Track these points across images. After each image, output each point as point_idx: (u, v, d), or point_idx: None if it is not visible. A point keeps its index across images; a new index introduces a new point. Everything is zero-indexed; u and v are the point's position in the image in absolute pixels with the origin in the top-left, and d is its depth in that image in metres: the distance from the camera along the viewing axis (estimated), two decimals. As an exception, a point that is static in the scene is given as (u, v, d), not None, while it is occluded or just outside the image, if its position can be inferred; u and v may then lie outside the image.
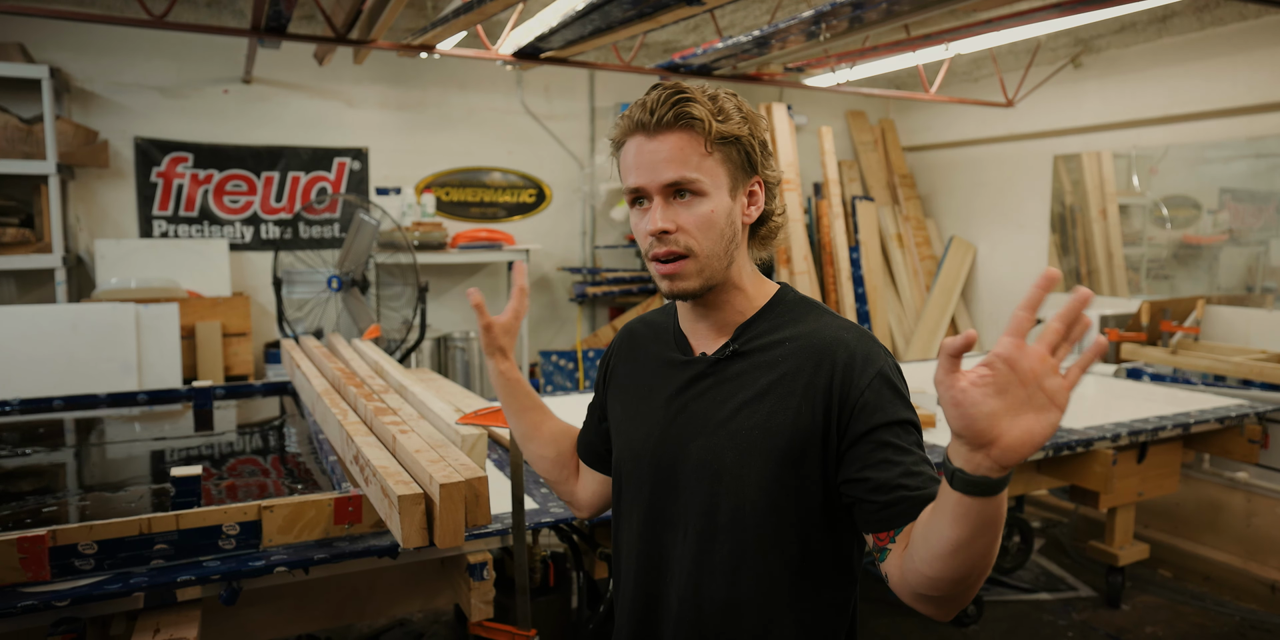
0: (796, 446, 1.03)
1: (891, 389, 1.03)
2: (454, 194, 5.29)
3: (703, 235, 1.05)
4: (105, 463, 2.42)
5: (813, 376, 1.04)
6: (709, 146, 1.03)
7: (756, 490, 1.05)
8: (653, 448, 1.13)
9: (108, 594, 1.52)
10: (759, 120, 1.09)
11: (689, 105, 1.02)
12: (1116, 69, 4.99)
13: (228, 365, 4.31)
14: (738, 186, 1.07)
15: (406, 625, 3.05)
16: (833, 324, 1.10)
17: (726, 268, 1.08)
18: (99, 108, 4.41)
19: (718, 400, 1.09)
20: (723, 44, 3.43)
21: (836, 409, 1.03)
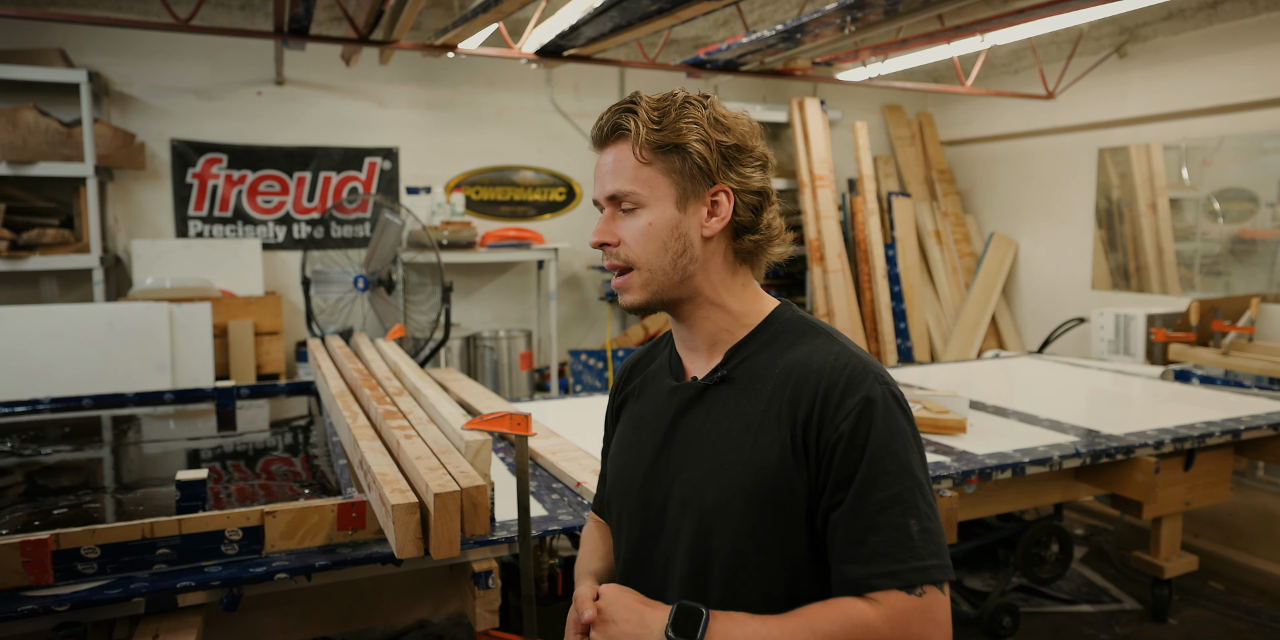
0: (782, 485, 0.95)
1: (877, 419, 0.93)
2: (484, 193, 5.29)
3: (641, 248, 1.01)
4: (128, 462, 2.44)
5: (794, 407, 0.96)
6: (641, 156, 1.00)
7: (739, 531, 0.97)
8: (640, 481, 1.07)
9: (109, 599, 1.52)
10: (735, 126, 1.01)
11: (625, 116, 1.00)
12: (1164, 58, 4.79)
13: (259, 364, 4.36)
14: (687, 197, 1.00)
15: (427, 627, 3.04)
16: (824, 349, 1.00)
17: (680, 283, 1.02)
18: (136, 110, 4.48)
19: (703, 430, 1.02)
20: (747, 39, 3.35)
21: (815, 443, 0.95)
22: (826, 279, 5.28)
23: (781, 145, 5.89)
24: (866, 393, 0.94)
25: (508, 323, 5.39)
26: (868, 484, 0.91)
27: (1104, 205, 5.31)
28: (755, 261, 1.06)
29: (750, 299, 1.07)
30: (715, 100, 1.04)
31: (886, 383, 0.97)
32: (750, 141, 1.02)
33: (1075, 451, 2.52)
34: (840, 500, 0.93)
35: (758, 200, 1.02)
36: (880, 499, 0.91)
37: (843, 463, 0.93)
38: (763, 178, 1.03)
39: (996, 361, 4.31)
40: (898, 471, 0.92)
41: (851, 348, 1.02)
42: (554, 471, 2.21)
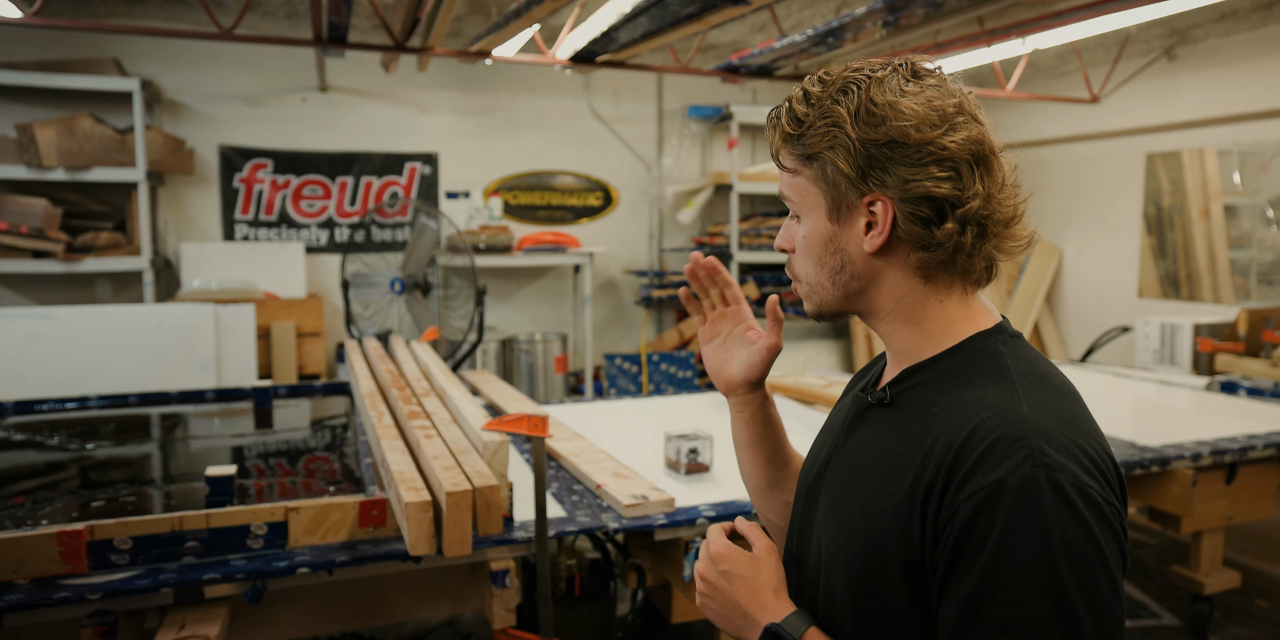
0: (887, 544, 0.79)
1: (1007, 513, 0.70)
2: (521, 197, 5.35)
3: (802, 261, 0.90)
4: (165, 457, 2.53)
5: (924, 464, 0.78)
6: (786, 166, 0.88)
7: (847, 575, 0.84)
8: (804, 490, 0.98)
9: (139, 589, 1.57)
10: (892, 116, 0.80)
11: (773, 118, 0.89)
12: (1216, 60, 4.65)
13: (301, 364, 4.46)
14: (839, 207, 0.85)
15: (455, 625, 3.08)
16: (989, 400, 0.79)
17: (845, 298, 0.89)
18: (186, 117, 4.64)
19: (851, 453, 0.90)
20: (779, 44, 3.34)
21: (935, 516, 0.76)
22: (863, 285, 5.23)
23: (819, 150, 5.85)
24: (1005, 474, 0.71)
25: (544, 326, 5.44)
26: (980, 595, 0.71)
27: (1153, 212, 5.17)
28: (955, 273, 0.85)
29: (950, 317, 0.87)
30: (884, 76, 0.82)
31: (1048, 466, 0.71)
32: (916, 134, 0.79)
33: (1109, 463, 2.46)
34: (952, 599, 0.74)
35: (928, 211, 0.81)
36: (996, 619, 0.70)
37: (957, 556, 0.73)
38: (942, 179, 0.80)
39: (1036, 370, 4.22)
40: (1027, 590, 0.69)
41: (1026, 404, 0.77)
42: (575, 473, 2.22)
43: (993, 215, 0.82)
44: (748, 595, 0.89)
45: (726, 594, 0.91)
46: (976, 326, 0.87)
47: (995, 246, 0.84)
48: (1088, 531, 0.70)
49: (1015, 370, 0.82)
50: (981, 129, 0.83)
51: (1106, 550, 0.71)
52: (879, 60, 0.86)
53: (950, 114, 0.81)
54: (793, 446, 1.13)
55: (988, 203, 0.81)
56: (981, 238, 0.82)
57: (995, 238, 0.83)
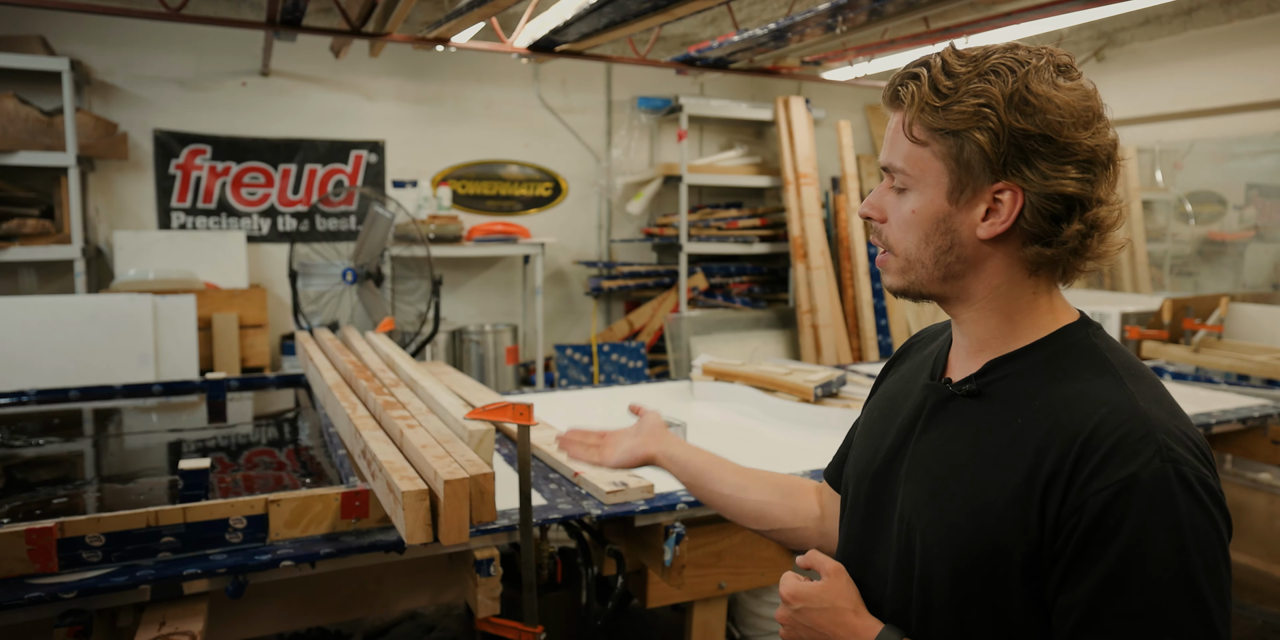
0: (999, 537, 0.81)
1: (1141, 506, 0.73)
2: (470, 187, 5.29)
3: (901, 234, 0.88)
4: (121, 453, 2.44)
5: (1041, 456, 0.79)
6: (913, 135, 0.85)
7: (947, 569, 0.85)
8: (872, 476, 0.98)
9: (114, 586, 1.53)
10: (1046, 107, 0.79)
11: (908, 82, 0.85)
12: (1140, 63, 4.90)
13: (244, 357, 4.34)
14: (963, 189, 0.84)
15: (418, 618, 3.06)
16: (1104, 393, 0.80)
17: (943, 280, 0.88)
18: (119, 100, 4.44)
19: (937, 444, 0.90)
20: (738, 37, 3.39)
21: (1056, 510, 0.77)
22: (810, 276, 5.35)
23: (766, 142, 5.95)
24: (1137, 469, 0.74)
25: (493, 317, 5.41)
26: (1115, 582, 0.74)
27: (1080, 206, 5.42)
28: (1059, 272, 0.87)
29: (1039, 310, 0.88)
30: (1038, 65, 0.81)
31: (1175, 459, 0.75)
32: (1067, 132, 0.79)
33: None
34: (1077, 587, 0.76)
35: (1060, 208, 0.81)
36: (1129, 606, 0.73)
37: (1084, 546, 0.75)
38: (1079, 179, 0.80)
39: (976, 358, 4.39)
40: (1161, 579, 0.73)
41: (1139, 399, 0.80)
42: (550, 462, 2.23)
43: (1107, 219, 0.83)
44: (831, 625, 0.91)
45: (810, 630, 0.92)
46: (1062, 320, 0.89)
47: (1102, 251, 0.85)
48: (1211, 520, 0.74)
49: (1117, 363, 0.84)
50: (1115, 135, 0.84)
51: (1224, 536, 0.76)
52: (1020, 45, 0.85)
53: (1094, 117, 0.82)
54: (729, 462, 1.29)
55: (1107, 208, 0.83)
56: (1098, 241, 0.84)
57: (1105, 241, 0.85)
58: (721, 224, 5.47)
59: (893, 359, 1.12)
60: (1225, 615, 0.74)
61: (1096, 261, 0.86)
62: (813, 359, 5.35)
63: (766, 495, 1.22)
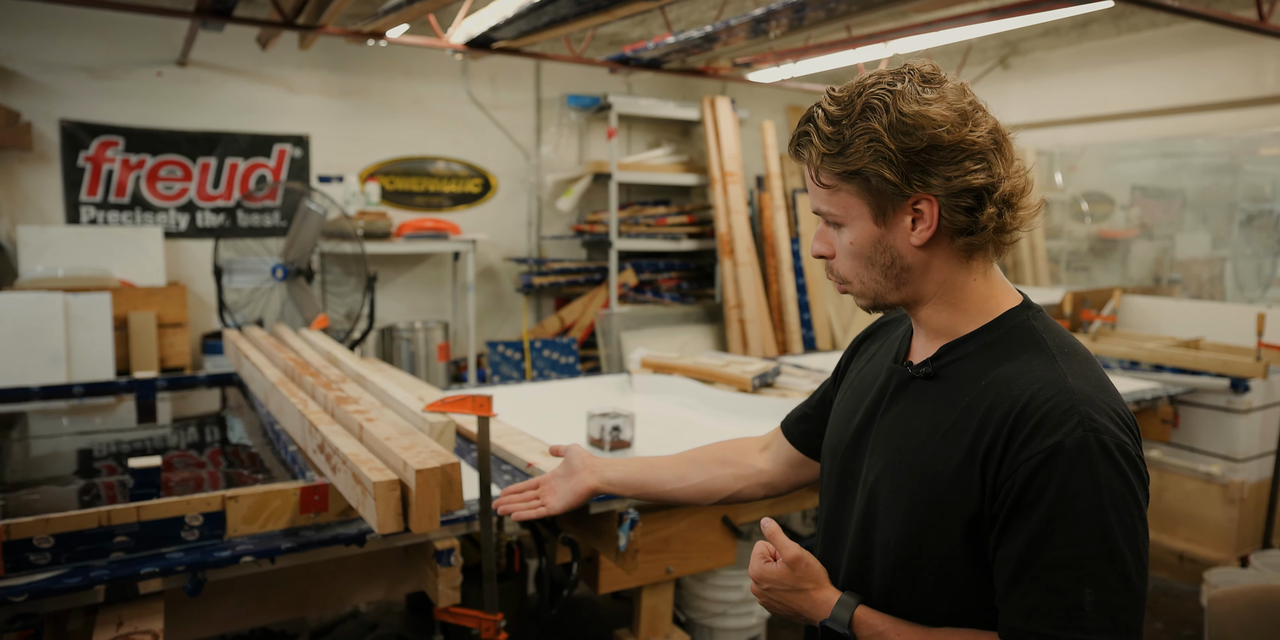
0: (947, 501, 0.91)
1: (1065, 470, 0.82)
2: (398, 183, 5.23)
3: (849, 265, 0.98)
4: (49, 457, 2.35)
5: (982, 429, 0.89)
6: (823, 183, 0.95)
7: (902, 531, 0.95)
8: (843, 450, 1.08)
9: (67, 588, 1.50)
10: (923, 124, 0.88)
11: (802, 139, 0.95)
12: (1041, 71, 5.23)
13: (163, 356, 4.19)
14: (885, 212, 0.93)
15: (359, 617, 3.04)
16: (1036, 372, 0.90)
17: (898, 288, 0.97)
18: (20, 87, 4.21)
19: (897, 422, 1.00)
20: (674, 39, 3.48)
21: (994, 476, 0.87)
22: (737, 271, 5.49)
23: (692, 141, 6.07)
24: (1061, 438, 0.83)
25: (423, 314, 5.36)
26: (1042, 537, 0.84)
27: (987, 205, 5.74)
28: (991, 251, 0.96)
29: (981, 294, 0.97)
30: (904, 89, 0.89)
31: (1095, 428, 0.84)
32: (950, 136, 0.88)
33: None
34: (1011, 543, 0.86)
35: (970, 200, 0.90)
36: (1053, 558, 0.83)
37: (1016, 507, 0.85)
38: (978, 170, 0.89)
39: (895, 349, 4.61)
40: (1081, 534, 0.82)
41: (1068, 376, 0.89)
42: (501, 454, 2.27)
43: (1014, 191, 0.93)
44: (796, 600, 1.03)
45: (779, 605, 1.05)
46: (1006, 303, 0.98)
47: (1021, 218, 0.94)
48: (1126, 482, 0.84)
49: (1051, 344, 0.94)
50: (993, 118, 0.93)
51: (1140, 496, 0.85)
52: (885, 72, 0.94)
53: (969, 111, 0.91)
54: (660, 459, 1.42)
55: (1011, 181, 0.92)
56: (1013, 214, 0.93)
57: (1020, 209, 0.94)
58: (650, 221, 5.56)
59: (861, 338, 1.22)
60: (1141, 568, 0.84)
61: (1018, 231, 0.95)
62: (740, 352, 5.50)
63: (705, 474, 1.35)
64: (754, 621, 2.60)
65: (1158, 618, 3.17)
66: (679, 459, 1.39)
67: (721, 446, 1.40)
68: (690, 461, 1.38)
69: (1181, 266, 4.86)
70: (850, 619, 0.97)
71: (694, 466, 1.36)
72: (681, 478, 1.35)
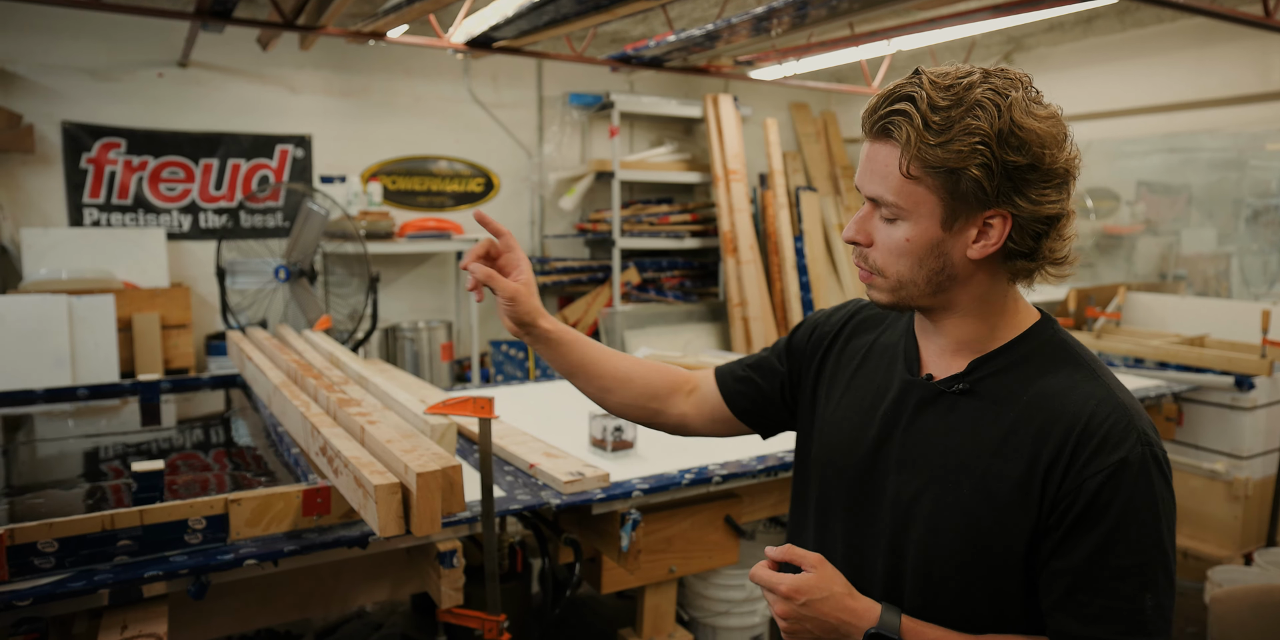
0: (1006, 518, 0.91)
1: (1130, 484, 0.86)
2: (400, 183, 5.23)
3: (894, 260, 0.93)
4: (55, 460, 2.35)
5: (1039, 446, 0.90)
6: (909, 171, 0.88)
7: (949, 550, 0.94)
8: (856, 464, 1.03)
9: (71, 592, 1.50)
10: (1032, 140, 0.85)
11: (896, 117, 0.87)
12: (1045, 66, 5.20)
13: (168, 358, 4.20)
14: (957, 217, 0.89)
15: (364, 617, 3.04)
16: (1085, 388, 0.91)
17: (933, 294, 0.95)
18: (22, 90, 4.22)
19: (932, 438, 0.97)
20: (675, 37, 3.47)
21: (1055, 490, 0.89)
22: (740, 270, 5.49)
23: (695, 139, 6.06)
24: (1126, 454, 0.87)
25: (426, 314, 5.36)
26: (1107, 548, 0.87)
27: (991, 202, 5.71)
28: (1033, 278, 0.96)
29: (1010, 311, 0.97)
30: (1017, 98, 0.86)
31: (1150, 443, 0.88)
32: (1049, 158, 0.87)
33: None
34: (1071, 553, 0.88)
35: (1043, 227, 0.89)
36: (1118, 567, 0.86)
37: (1081, 520, 0.88)
38: (1056, 199, 0.88)
39: (899, 347, 4.60)
40: (1144, 543, 0.87)
41: (1116, 391, 0.92)
42: (504, 455, 2.28)
43: (1068, 226, 0.92)
44: (835, 612, 0.95)
45: (817, 620, 0.96)
46: (1029, 318, 0.99)
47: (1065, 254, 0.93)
48: (1171, 491, 0.90)
49: (1086, 358, 0.96)
50: (1077, 148, 0.91)
51: (1174, 501, 0.92)
52: (985, 70, 0.89)
53: (1065, 133, 0.89)
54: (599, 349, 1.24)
55: (1070, 215, 0.91)
56: (1063, 244, 0.92)
57: (1067, 239, 0.93)
58: (653, 219, 5.55)
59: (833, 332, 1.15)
60: (1174, 561, 0.91)
61: (1064, 266, 0.94)
62: (743, 350, 5.50)
63: (629, 398, 1.24)
64: (757, 620, 2.60)
65: (1163, 616, 3.17)
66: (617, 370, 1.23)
67: (656, 377, 1.25)
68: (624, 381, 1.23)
69: (1187, 262, 4.84)
70: (899, 626, 0.94)
71: (624, 388, 1.23)
72: (607, 391, 1.24)
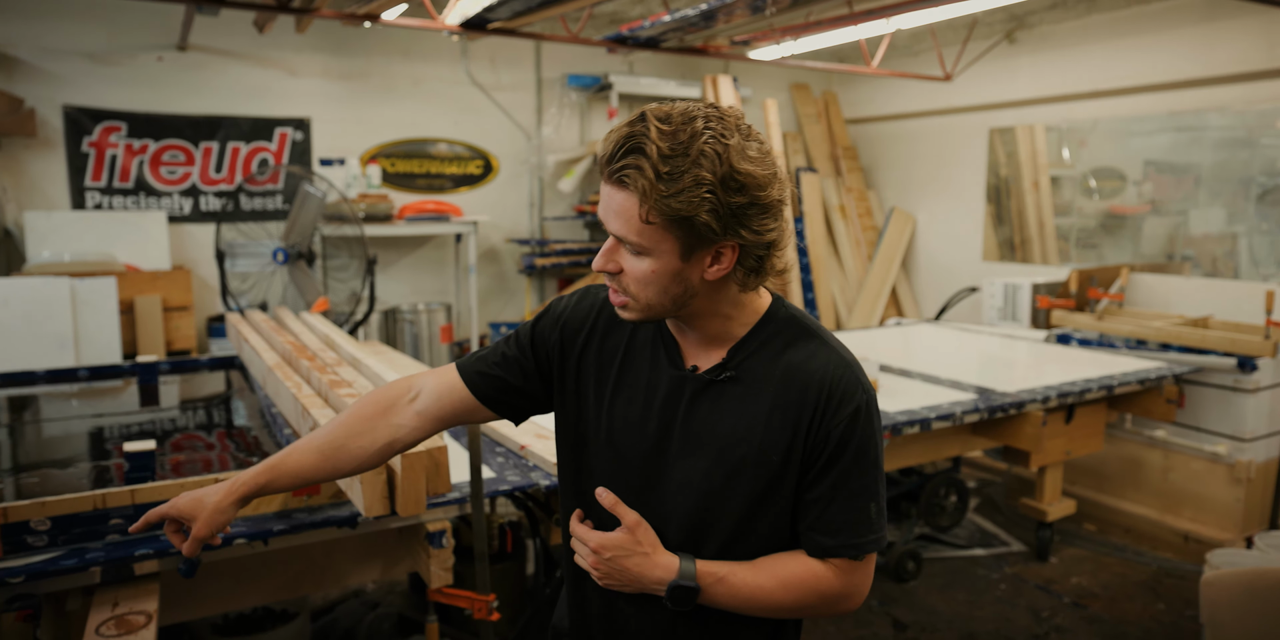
0: (781, 477, 1.09)
1: (862, 425, 1.08)
2: (400, 165, 5.22)
3: (642, 288, 1.04)
4: (53, 440, 2.38)
5: (798, 410, 1.08)
6: (647, 218, 0.97)
7: (739, 515, 1.10)
8: (640, 461, 1.14)
9: (63, 569, 1.53)
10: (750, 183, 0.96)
11: (630, 170, 0.95)
12: (1048, 45, 5.14)
13: (169, 340, 4.23)
14: (693, 251, 1.01)
15: (362, 595, 3.08)
16: (821, 356, 1.10)
17: (680, 309, 1.07)
18: (23, 74, 4.22)
19: (709, 422, 1.10)
20: (670, 17, 3.44)
21: (811, 442, 1.08)
22: (740, 252, 5.47)
23: (696, 121, 6.02)
24: (857, 404, 1.08)
25: (426, 296, 5.37)
26: (846, 475, 1.08)
27: (993, 182, 5.68)
28: (756, 287, 1.10)
29: (747, 302, 1.11)
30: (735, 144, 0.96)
31: (867, 390, 1.10)
32: (766, 195, 0.99)
33: (975, 407, 2.77)
34: (819, 485, 1.09)
35: (765, 251, 1.04)
36: (853, 487, 1.08)
37: (829, 459, 1.08)
38: (774, 226, 1.02)
39: (898, 328, 4.59)
40: (869, 466, 1.09)
41: (842, 353, 1.11)
42: (495, 437, 2.29)
43: (783, 240, 1.06)
44: (640, 566, 1.09)
45: (623, 573, 1.10)
46: (764, 302, 1.13)
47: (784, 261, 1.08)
48: (879, 419, 1.12)
49: (814, 329, 1.13)
50: (785, 175, 1.03)
51: (882, 432, 1.13)
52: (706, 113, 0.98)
53: (776, 167, 1.01)
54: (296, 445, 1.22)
55: (784, 231, 1.06)
56: (780, 257, 1.07)
57: (784, 253, 1.08)
58: (654, 201, 5.53)
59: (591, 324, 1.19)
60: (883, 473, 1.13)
61: (784, 274, 1.09)
62: (745, 333, 5.49)
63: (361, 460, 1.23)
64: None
65: (1160, 599, 3.17)
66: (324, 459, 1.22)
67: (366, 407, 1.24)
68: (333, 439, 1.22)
69: (1194, 243, 4.80)
70: (695, 572, 1.08)
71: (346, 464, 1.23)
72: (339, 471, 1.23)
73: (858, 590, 1.12)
